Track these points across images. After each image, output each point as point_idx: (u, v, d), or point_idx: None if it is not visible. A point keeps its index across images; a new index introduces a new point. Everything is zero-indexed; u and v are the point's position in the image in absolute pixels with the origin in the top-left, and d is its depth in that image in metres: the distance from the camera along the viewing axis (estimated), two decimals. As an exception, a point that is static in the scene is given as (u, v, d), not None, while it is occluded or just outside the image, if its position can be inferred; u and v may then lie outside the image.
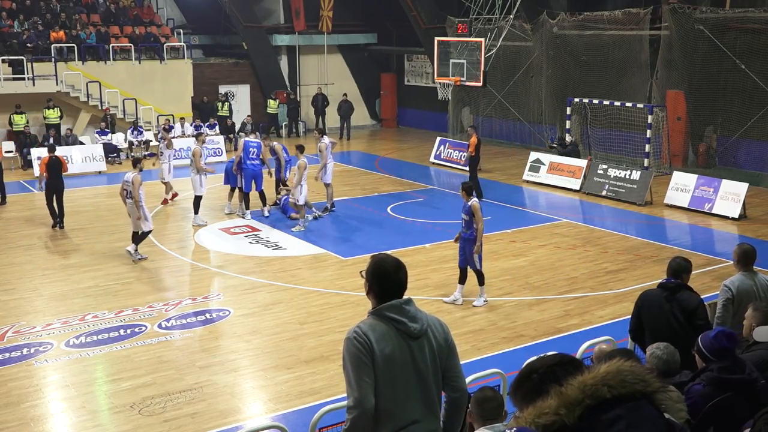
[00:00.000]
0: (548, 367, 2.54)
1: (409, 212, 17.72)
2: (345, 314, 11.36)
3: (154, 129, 26.07)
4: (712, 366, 4.61)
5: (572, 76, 24.88)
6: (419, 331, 3.95)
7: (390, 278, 4.00)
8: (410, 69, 33.05)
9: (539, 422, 2.35)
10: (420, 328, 3.96)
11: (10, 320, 11.15)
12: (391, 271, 4.01)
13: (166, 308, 11.64)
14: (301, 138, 29.76)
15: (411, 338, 3.94)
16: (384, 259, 4.06)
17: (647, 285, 12.65)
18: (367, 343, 3.86)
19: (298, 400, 8.73)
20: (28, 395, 8.86)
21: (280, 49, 31.26)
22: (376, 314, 3.98)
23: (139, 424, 8.18)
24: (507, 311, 11.56)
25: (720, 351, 4.61)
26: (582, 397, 2.36)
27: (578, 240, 15.57)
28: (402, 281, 4.03)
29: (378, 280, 4.01)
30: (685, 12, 21.26)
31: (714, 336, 4.71)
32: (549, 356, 2.68)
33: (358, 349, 3.85)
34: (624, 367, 2.46)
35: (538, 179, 21.17)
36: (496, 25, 22.29)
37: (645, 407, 2.46)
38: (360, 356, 3.84)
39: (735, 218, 17.03)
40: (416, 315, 4.00)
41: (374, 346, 3.85)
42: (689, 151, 22.73)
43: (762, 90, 20.35)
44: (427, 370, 3.99)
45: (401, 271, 4.04)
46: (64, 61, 25.06)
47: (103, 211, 17.96)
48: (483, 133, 28.46)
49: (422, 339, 3.98)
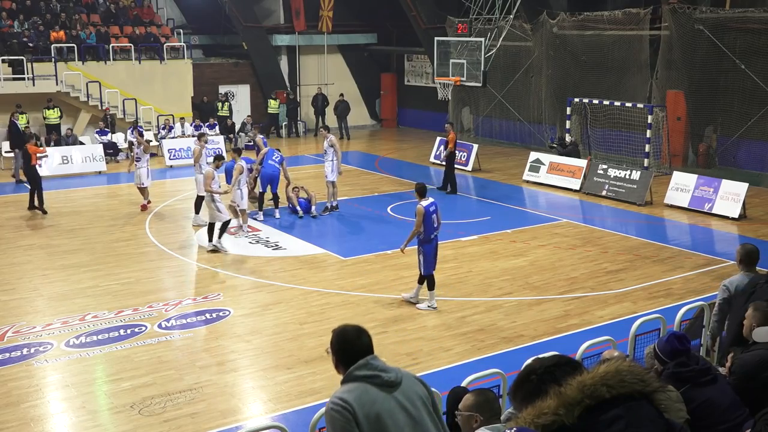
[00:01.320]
0: (547, 368, 2.55)
1: (409, 212, 17.66)
2: (345, 314, 11.35)
3: (154, 129, 26.11)
4: (669, 366, 4.88)
5: (572, 76, 24.89)
6: (395, 379, 3.77)
7: (354, 345, 3.85)
8: (410, 69, 33.05)
9: (539, 422, 2.35)
10: (395, 376, 3.79)
11: (10, 320, 11.15)
12: (353, 338, 3.87)
13: (166, 308, 11.64)
14: (301, 138, 29.79)
15: (390, 387, 3.75)
16: (344, 328, 3.94)
17: (647, 285, 12.68)
18: (349, 409, 3.66)
19: (298, 400, 8.73)
20: (28, 395, 8.86)
21: (280, 49, 31.27)
22: (347, 379, 3.80)
23: (139, 424, 8.18)
24: (507, 311, 11.56)
25: (673, 353, 4.89)
26: (581, 397, 2.37)
27: (578, 240, 15.57)
28: (367, 345, 3.86)
29: (343, 349, 3.86)
30: (685, 12, 21.26)
31: (667, 339, 5.00)
32: (547, 357, 2.67)
33: (343, 419, 3.64)
34: (623, 367, 2.46)
35: (538, 179, 21.17)
36: (496, 25, 22.29)
37: (644, 407, 2.46)
38: (347, 427, 3.65)
39: (735, 218, 17.03)
40: (386, 366, 3.83)
41: (357, 411, 3.66)
42: (689, 151, 22.74)
43: (762, 90, 20.35)
44: (421, 417, 3.79)
45: (364, 335, 3.89)
46: (64, 61, 25.07)
47: (103, 211, 17.96)
48: (483, 133, 28.57)
49: (402, 386, 3.79)
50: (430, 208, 11.26)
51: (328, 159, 17.33)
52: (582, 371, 2.49)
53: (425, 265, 11.40)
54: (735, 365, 5.25)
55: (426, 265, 11.40)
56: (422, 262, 11.40)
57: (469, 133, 28.96)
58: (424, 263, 11.40)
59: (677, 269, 13.57)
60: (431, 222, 11.24)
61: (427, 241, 11.31)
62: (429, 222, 11.22)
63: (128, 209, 18.15)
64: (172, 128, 25.66)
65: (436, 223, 11.35)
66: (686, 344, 4.96)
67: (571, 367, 2.53)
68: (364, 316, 11.28)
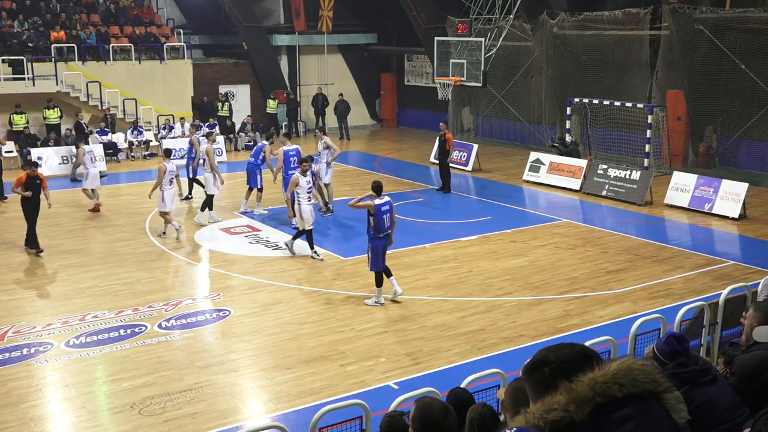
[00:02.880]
0: (562, 363, 2.51)
1: (409, 212, 17.69)
2: (345, 314, 11.35)
3: (154, 129, 26.10)
4: (668, 367, 4.86)
5: (572, 76, 24.88)
6: None
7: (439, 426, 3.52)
8: (410, 69, 33.04)
9: (547, 418, 2.35)
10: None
11: (10, 320, 11.15)
12: (439, 418, 3.53)
13: (166, 308, 11.64)
14: (301, 138, 29.78)
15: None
16: (430, 405, 3.60)
17: (647, 285, 12.68)
18: None
19: (298, 400, 8.73)
20: (28, 395, 8.86)
21: (280, 49, 31.26)
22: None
23: (139, 424, 8.18)
24: (507, 311, 11.55)
25: (672, 353, 4.88)
26: (592, 395, 2.36)
27: (578, 240, 15.56)
28: (451, 428, 3.53)
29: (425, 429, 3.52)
30: (685, 12, 21.25)
31: (666, 340, 4.98)
32: (566, 349, 2.57)
33: None
34: (635, 366, 2.45)
35: (538, 179, 21.17)
36: (496, 25, 22.28)
37: (654, 407, 2.46)
38: None
39: (735, 218, 17.02)
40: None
41: None
42: (689, 151, 22.73)
43: (762, 90, 20.34)
44: None
45: (450, 416, 3.55)
46: (64, 61, 25.05)
47: (103, 211, 17.95)
48: (483, 133, 28.54)
49: None
50: (382, 207, 11.49)
51: (322, 161, 17.35)
52: (597, 366, 2.46)
53: (373, 261, 11.59)
54: (735, 365, 5.25)
55: (373, 262, 11.58)
56: (371, 257, 11.62)
57: (469, 133, 28.94)
58: (372, 259, 11.59)
59: (677, 269, 13.56)
60: (383, 220, 11.45)
61: (378, 238, 11.49)
62: (381, 220, 11.43)
63: (128, 209, 18.15)
64: (172, 128, 25.65)
65: (388, 222, 11.55)
66: (685, 345, 4.96)
67: (587, 364, 2.49)
68: (364, 316, 11.28)
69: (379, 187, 11.66)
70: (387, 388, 8.94)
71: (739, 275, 12.90)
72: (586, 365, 2.46)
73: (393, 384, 9.08)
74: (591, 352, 2.59)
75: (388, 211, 11.53)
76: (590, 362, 2.49)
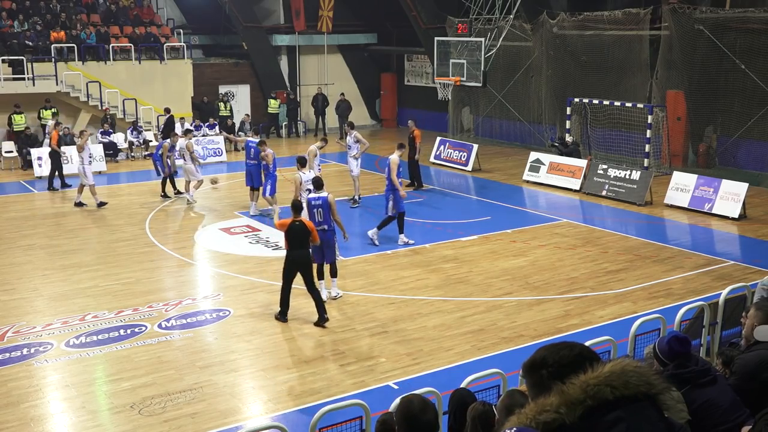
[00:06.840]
0: (560, 367, 2.51)
1: (409, 212, 17.65)
2: (345, 314, 11.35)
3: (154, 129, 26.09)
4: (668, 367, 4.89)
5: (572, 76, 24.87)
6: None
7: (418, 420, 3.73)
8: (410, 69, 33.03)
9: (540, 419, 2.35)
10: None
11: (10, 320, 11.15)
12: (417, 413, 3.76)
13: (166, 308, 11.64)
14: (301, 138, 29.76)
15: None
16: (410, 400, 3.82)
17: (647, 285, 12.67)
18: None
19: (298, 400, 8.73)
20: (28, 395, 8.86)
21: (280, 49, 31.25)
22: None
23: (139, 424, 8.18)
24: (507, 311, 11.55)
25: (672, 354, 4.92)
26: (584, 397, 2.35)
27: (578, 240, 15.56)
28: (429, 423, 3.73)
29: (406, 424, 3.73)
30: (685, 12, 21.25)
31: (666, 341, 5.00)
32: (565, 351, 2.56)
33: None
34: (629, 368, 2.43)
35: (538, 179, 21.16)
36: (496, 25, 22.28)
37: (647, 409, 2.45)
38: None
39: (735, 218, 17.01)
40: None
41: None
42: (689, 151, 22.73)
43: (762, 90, 20.34)
44: None
45: (429, 411, 3.77)
46: (64, 61, 25.05)
47: (103, 211, 17.95)
48: (483, 133, 28.53)
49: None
50: (313, 201, 11.78)
51: (352, 154, 17.57)
52: (593, 367, 2.44)
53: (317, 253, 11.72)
54: (736, 365, 5.25)
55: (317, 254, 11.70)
56: None
57: (469, 133, 28.94)
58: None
59: (677, 269, 13.56)
60: (313, 214, 11.67)
61: (322, 230, 11.60)
62: (310, 213, 11.67)
63: (128, 209, 18.15)
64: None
65: (316, 218, 11.67)
66: (686, 345, 4.96)
67: (583, 366, 2.47)
68: (364, 316, 11.28)
69: (320, 184, 12.08)
70: (387, 388, 8.94)
71: (739, 275, 12.90)
72: (582, 368, 2.46)
73: (393, 384, 9.08)
74: (590, 354, 2.58)
75: (318, 207, 11.72)
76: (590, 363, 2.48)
